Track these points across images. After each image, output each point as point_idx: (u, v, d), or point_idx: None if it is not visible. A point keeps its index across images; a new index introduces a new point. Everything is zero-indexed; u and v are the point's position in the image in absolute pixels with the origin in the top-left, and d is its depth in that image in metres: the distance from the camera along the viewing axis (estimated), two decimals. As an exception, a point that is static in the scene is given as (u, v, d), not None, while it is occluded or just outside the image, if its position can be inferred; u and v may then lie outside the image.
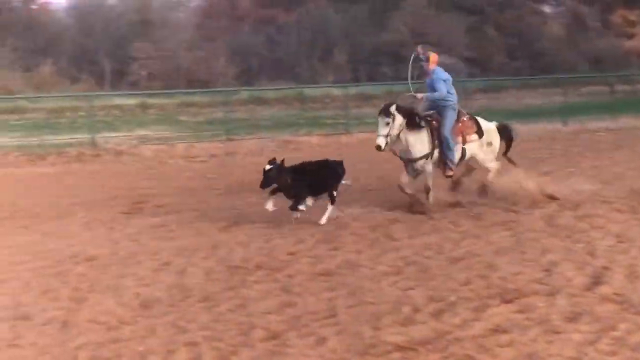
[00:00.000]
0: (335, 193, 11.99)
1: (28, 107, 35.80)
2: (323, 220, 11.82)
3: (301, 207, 11.76)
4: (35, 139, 24.84)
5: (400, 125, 12.24)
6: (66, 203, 14.64)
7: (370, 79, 49.52)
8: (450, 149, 12.48)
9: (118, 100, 38.66)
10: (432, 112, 12.89)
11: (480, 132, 13.06)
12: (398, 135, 12.29)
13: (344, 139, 25.17)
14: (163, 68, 48.11)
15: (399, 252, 10.12)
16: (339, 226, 11.76)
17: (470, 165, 13.50)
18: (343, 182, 12.31)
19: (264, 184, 11.70)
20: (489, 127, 13.40)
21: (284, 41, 56.01)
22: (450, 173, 12.88)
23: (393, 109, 12.12)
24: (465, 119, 13.07)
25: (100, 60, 49.24)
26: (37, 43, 47.85)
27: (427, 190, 12.66)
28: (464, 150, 12.89)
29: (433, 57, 12.89)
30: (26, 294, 9.02)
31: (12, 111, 34.14)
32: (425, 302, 7.80)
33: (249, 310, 7.91)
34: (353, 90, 37.34)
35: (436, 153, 12.62)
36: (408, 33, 51.21)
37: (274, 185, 11.82)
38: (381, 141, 12.08)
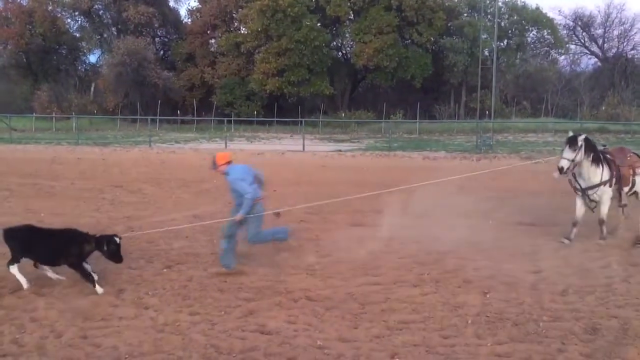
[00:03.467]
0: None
1: (638, 130, 33.57)
2: None
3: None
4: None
5: (582, 156, 8.62)
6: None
7: None
8: None
9: None
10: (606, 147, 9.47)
11: None
12: (578, 164, 8.69)
13: None
14: None
15: None
16: None
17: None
18: None
19: None
20: None
21: None
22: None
23: (581, 140, 8.56)
24: (632, 154, 9.23)
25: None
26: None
27: (601, 223, 8.94)
28: (633, 182, 9.04)
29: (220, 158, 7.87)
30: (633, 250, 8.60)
31: (627, 132, 32.51)
32: None
33: None
34: None
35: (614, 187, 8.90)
36: None
37: None
38: (565, 163, 8.55)
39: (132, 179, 16.35)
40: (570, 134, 8.85)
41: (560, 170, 8.68)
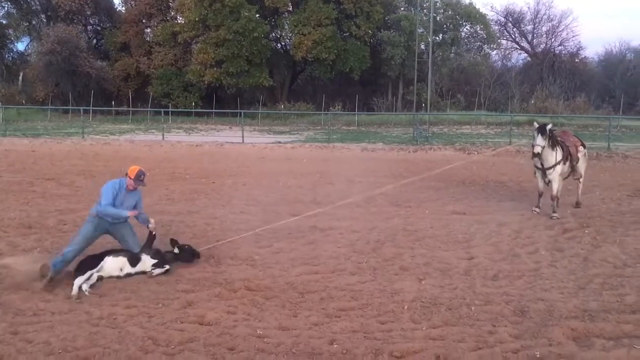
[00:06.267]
0: None
1: (565, 123, 35.06)
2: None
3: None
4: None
5: (547, 142, 10.16)
6: (588, 184, 13.95)
7: None
8: None
9: (627, 122, 35.78)
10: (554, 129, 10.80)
11: (584, 145, 11.29)
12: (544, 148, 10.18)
13: None
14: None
15: None
16: None
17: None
18: None
19: None
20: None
21: None
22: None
23: (549, 128, 10.07)
24: (574, 136, 11.44)
25: (617, 95, 45.64)
26: (575, 82, 46.34)
27: (553, 199, 10.54)
28: (578, 158, 10.96)
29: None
30: (559, 236, 9.05)
31: (554, 124, 33.73)
32: None
33: None
34: None
35: (567, 164, 10.66)
36: None
37: None
38: (539, 149, 9.98)
39: (64, 172, 15.76)
40: (536, 124, 10.12)
41: (537, 155, 10.07)
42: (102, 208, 6.87)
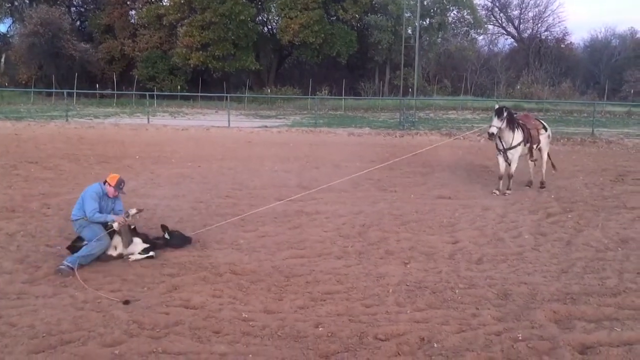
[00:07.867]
0: None
1: (550, 108, 35.32)
2: None
3: None
4: (552, 130, 24.50)
5: (505, 124, 10.50)
6: (571, 169, 14.23)
7: None
8: None
9: (611, 108, 36.11)
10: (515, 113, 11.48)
11: (545, 128, 11.69)
12: (502, 129, 10.53)
13: None
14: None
15: None
16: None
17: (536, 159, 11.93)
18: None
19: None
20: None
21: None
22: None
23: (505, 111, 10.44)
24: (535, 119, 11.84)
25: (602, 81, 46.05)
26: (561, 68, 46.55)
27: (510, 177, 11.17)
28: (539, 141, 11.46)
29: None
30: (543, 220, 9.13)
31: (539, 110, 33.97)
32: None
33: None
34: None
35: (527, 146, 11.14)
36: None
37: None
38: (494, 130, 10.35)
39: (48, 155, 15.57)
40: (497, 106, 10.49)
41: (491, 135, 10.41)
42: (90, 216, 6.71)
